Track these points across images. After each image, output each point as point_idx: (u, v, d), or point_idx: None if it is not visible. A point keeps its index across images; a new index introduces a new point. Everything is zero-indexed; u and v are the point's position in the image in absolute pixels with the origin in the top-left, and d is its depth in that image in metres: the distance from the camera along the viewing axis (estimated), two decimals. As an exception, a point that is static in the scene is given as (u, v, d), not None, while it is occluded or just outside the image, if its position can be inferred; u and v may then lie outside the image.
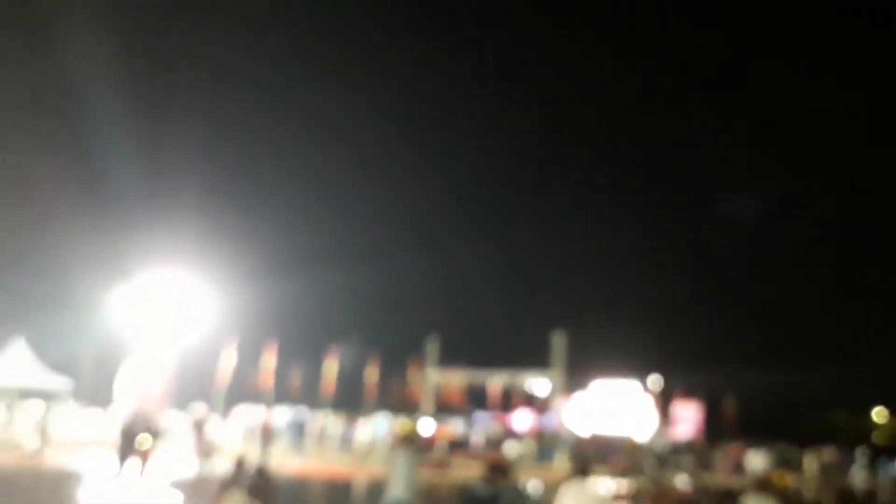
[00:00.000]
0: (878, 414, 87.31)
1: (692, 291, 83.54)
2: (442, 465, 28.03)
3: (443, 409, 48.16)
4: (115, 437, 17.01)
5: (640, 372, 46.77)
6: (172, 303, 29.27)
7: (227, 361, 35.42)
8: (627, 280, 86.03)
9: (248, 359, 38.74)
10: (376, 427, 32.26)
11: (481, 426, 38.62)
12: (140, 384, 28.54)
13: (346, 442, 32.44)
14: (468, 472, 20.07)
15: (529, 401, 48.78)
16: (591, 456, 34.53)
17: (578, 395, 46.96)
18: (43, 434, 22.18)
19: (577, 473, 9.35)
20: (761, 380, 54.00)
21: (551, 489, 22.82)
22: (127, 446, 16.18)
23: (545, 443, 34.97)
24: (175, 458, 21.28)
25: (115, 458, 16.34)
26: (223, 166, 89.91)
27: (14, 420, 24.56)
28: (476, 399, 50.10)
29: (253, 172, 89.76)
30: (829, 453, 35.35)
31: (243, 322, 37.65)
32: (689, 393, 45.22)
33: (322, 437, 31.60)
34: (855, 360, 72.76)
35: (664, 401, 45.92)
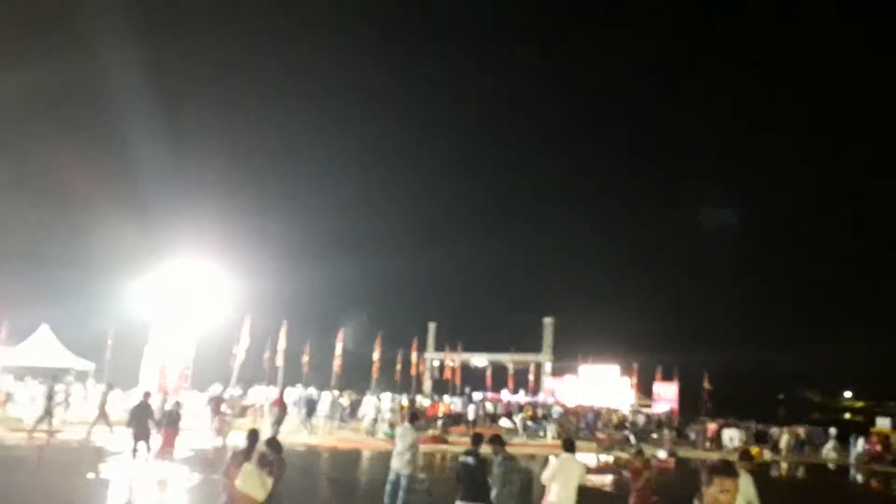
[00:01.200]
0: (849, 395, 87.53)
1: (674, 280, 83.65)
2: (439, 438, 28.07)
3: (441, 387, 48.29)
4: (127, 417, 16.03)
5: (624, 354, 47.05)
6: (192, 288, 29.20)
7: (243, 343, 35.37)
8: (612, 270, 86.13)
9: (262, 340, 38.77)
10: (381, 404, 32.22)
11: (476, 404, 38.64)
12: (161, 366, 28.50)
13: (352, 418, 32.40)
14: (463, 444, 20.08)
15: (521, 381, 48.95)
16: (576, 427, 34.85)
17: (569, 378, 47.25)
18: (58, 412, 22.02)
19: (566, 449, 9.36)
20: (738, 362, 54.12)
21: (542, 460, 22.90)
22: (140, 426, 15.32)
23: (536, 418, 34.97)
24: (194, 436, 21.28)
25: (129, 437, 15.46)
26: (241, 158, 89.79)
27: (37, 399, 24.46)
28: (472, 379, 50.24)
29: (270, 164, 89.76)
30: (802, 431, 35.41)
31: (258, 305, 37.66)
32: (668, 374, 45.38)
33: (330, 414, 31.52)
34: (828, 344, 72.94)
35: (645, 381, 46.15)
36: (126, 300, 31.23)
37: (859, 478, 27.85)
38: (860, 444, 32.26)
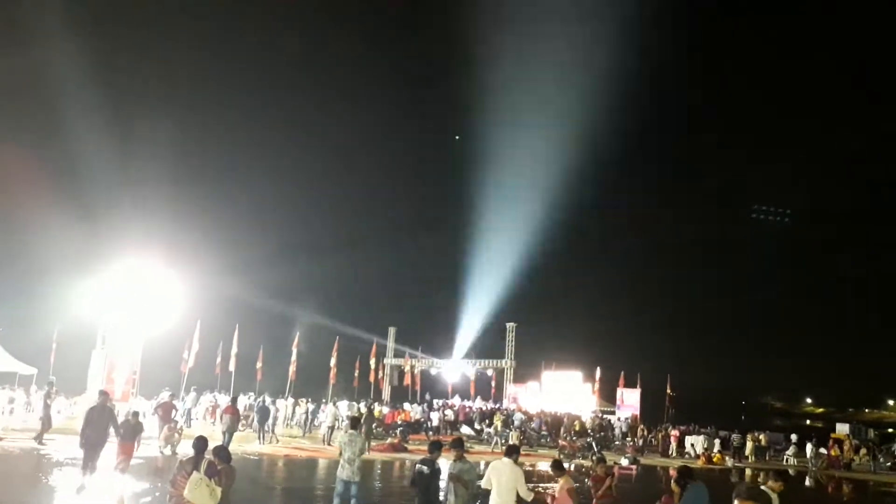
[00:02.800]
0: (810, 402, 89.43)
1: (636, 287, 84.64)
2: (399, 447, 27.94)
3: (401, 394, 48.14)
4: (82, 422, 13.95)
5: (587, 360, 47.51)
6: (140, 290, 28.65)
7: (193, 348, 34.83)
8: (574, 276, 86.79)
9: (214, 346, 38.20)
10: (337, 412, 31.98)
11: (437, 411, 38.57)
12: (108, 372, 27.91)
13: (307, 426, 32.10)
14: (423, 453, 19.98)
15: (484, 387, 49.05)
16: (538, 434, 34.98)
17: (531, 385, 47.56)
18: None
19: (506, 455, 9.40)
20: (701, 368, 55.00)
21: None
22: (96, 433, 13.56)
23: (498, 425, 35.04)
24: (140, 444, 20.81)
25: (82, 446, 13.63)
26: (192, 158, 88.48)
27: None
28: (432, 385, 50.22)
29: (223, 165, 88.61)
30: (764, 437, 36.08)
31: (210, 309, 37.12)
32: (631, 380, 45.84)
33: (284, 421, 31.18)
34: (789, 353, 74.57)
35: (608, 387, 46.58)
36: (72, 303, 30.56)
37: (812, 482, 28.46)
38: (809, 450, 33.07)
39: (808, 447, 33.20)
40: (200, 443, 8.50)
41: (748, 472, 30.12)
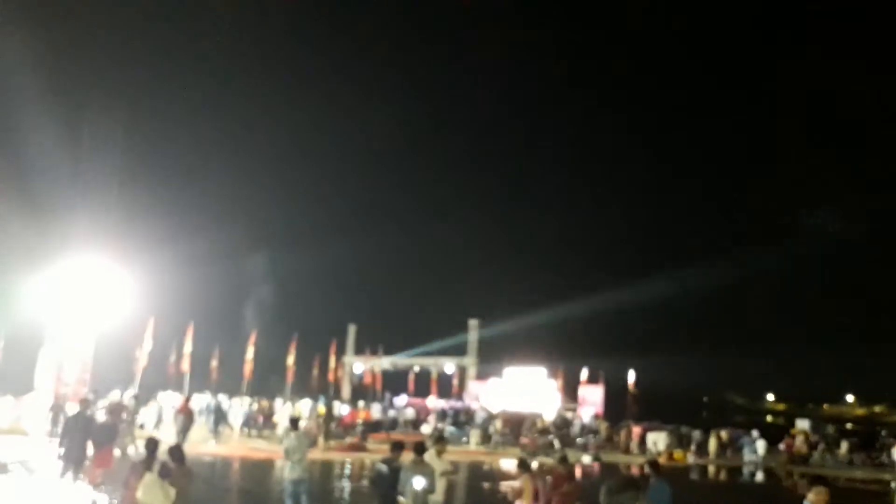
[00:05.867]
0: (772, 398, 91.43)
1: (598, 283, 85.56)
2: (358, 446, 27.98)
3: (361, 393, 48.09)
4: (60, 432, 13.28)
5: (549, 357, 47.81)
6: (90, 287, 28.24)
7: (145, 347, 34.41)
8: (535, 272, 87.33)
9: (167, 344, 37.80)
10: (296, 411, 31.91)
11: (398, 410, 38.68)
12: (57, 371, 27.48)
13: (264, 426, 31.96)
14: (384, 453, 20.10)
15: (445, 385, 49.23)
16: (500, 432, 35.25)
17: (494, 381, 47.67)
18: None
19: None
20: (663, 365, 55.78)
21: (464, 466, 23.12)
22: (75, 445, 12.70)
23: (460, 424, 35.28)
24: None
25: (60, 458, 12.96)
26: (145, 150, 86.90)
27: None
28: (394, 384, 50.23)
29: (177, 157, 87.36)
30: (725, 434, 36.66)
31: (163, 306, 36.64)
32: (594, 377, 46.30)
33: (240, 421, 30.99)
34: (751, 349, 76.00)
35: (571, 384, 46.97)
36: (18, 299, 29.98)
37: (761, 477, 29.40)
38: (760, 447, 33.93)
39: (759, 443, 34.08)
40: (152, 444, 8.54)
41: (710, 468, 30.82)
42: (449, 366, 49.68)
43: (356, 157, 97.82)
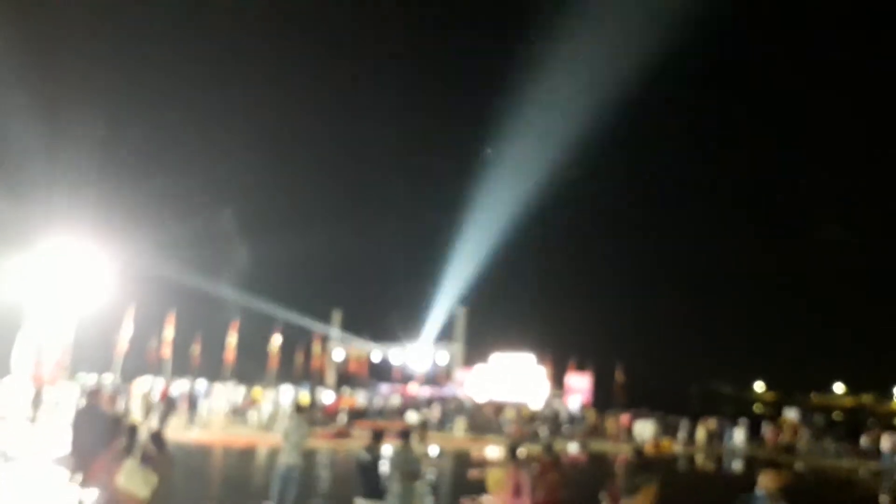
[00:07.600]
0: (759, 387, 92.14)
1: (587, 272, 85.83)
2: (342, 434, 28.05)
3: (346, 380, 48.09)
4: (70, 429, 11.21)
5: (536, 346, 47.86)
6: (70, 269, 28.09)
7: (126, 332, 34.21)
8: (523, 261, 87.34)
9: (148, 329, 37.58)
10: (279, 398, 31.90)
11: (383, 397, 38.73)
12: (36, 354, 27.36)
13: (247, 413, 31.96)
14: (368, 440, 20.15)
15: (432, 373, 49.26)
16: (487, 420, 35.39)
17: (479, 367, 47.67)
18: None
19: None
20: (651, 353, 56.15)
21: (448, 454, 23.21)
22: (86, 442, 10.47)
23: (446, 411, 35.38)
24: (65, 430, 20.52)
25: (69, 458, 11.52)
26: (126, 132, 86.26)
27: None
28: (378, 371, 50.24)
29: (159, 141, 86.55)
30: (712, 423, 36.91)
31: (144, 291, 36.44)
32: (581, 365, 46.47)
33: (223, 407, 30.97)
34: (739, 337, 76.54)
35: (558, 373, 47.10)
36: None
37: (738, 466, 29.57)
38: (737, 436, 34.27)
39: (737, 432, 34.43)
40: (132, 430, 8.50)
41: (698, 457, 31.06)
42: (436, 354, 49.73)
43: (344, 140, 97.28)
